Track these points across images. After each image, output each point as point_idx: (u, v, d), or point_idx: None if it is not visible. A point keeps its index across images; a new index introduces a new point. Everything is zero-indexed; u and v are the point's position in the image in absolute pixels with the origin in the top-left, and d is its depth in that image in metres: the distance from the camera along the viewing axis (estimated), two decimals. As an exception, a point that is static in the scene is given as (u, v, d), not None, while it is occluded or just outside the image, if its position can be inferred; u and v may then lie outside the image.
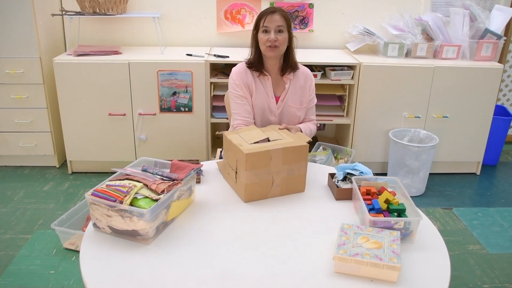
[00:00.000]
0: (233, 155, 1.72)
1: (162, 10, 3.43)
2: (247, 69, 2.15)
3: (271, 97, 2.14)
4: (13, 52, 3.09)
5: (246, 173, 1.64)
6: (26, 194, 3.05)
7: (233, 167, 1.73)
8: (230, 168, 1.76)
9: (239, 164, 1.68)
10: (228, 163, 1.79)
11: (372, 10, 3.52)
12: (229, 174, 1.78)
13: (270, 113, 2.16)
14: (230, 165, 1.76)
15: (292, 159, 1.71)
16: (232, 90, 2.16)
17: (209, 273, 1.29)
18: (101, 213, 1.42)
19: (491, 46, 3.26)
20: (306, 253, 1.39)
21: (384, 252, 1.28)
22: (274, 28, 2.02)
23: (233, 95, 2.15)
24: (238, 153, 1.67)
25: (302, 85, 2.19)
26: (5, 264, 2.34)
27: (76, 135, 3.20)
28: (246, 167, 1.64)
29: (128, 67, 3.04)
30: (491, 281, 2.33)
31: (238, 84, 2.13)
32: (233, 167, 1.73)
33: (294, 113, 2.18)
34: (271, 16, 2.03)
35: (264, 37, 2.04)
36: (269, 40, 2.02)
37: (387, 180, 1.71)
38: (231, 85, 2.16)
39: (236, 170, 1.70)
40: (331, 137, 3.87)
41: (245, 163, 1.63)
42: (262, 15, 2.06)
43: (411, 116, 3.26)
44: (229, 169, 1.78)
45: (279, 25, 2.03)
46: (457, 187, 3.34)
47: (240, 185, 1.70)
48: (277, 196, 1.73)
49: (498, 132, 3.60)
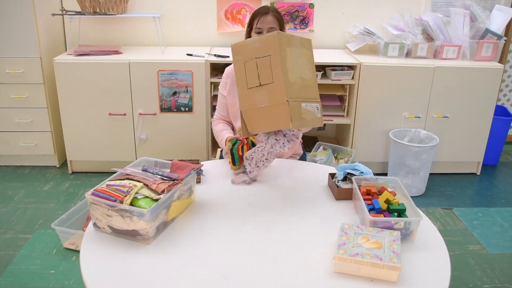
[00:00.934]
0: (272, 72, 1.55)
1: (162, 10, 3.43)
2: None
3: None
4: (13, 52, 3.09)
5: (266, 106, 1.54)
6: (26, 193, 3.05)
7: (262, 80, 1.56)
8: (257, 73, 1.58)
9: (269, 92, 1.54)
10: (258, 66, 1.58)
11: (373, 10, 3.52)
12: (247, 70, 1.60)
13: None
14: (259, 71, 1.57)
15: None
16: (219, 87, 2.28)
17: (209, 273, 1.29)
18: (101, 213, 1.42)
19: (492, 46, 3.26)
20: (306, 253, 1.39)
21: (384, 252, 1.28)
22: (266, 29, 2.06)
23: (219, 92, 2.27)
24: (278, 87, 1.54)
25: None
26: (5, 263, 2.34)
27: (77, 135, 3.20)
28: (272, 105, 1.53)
29: (129, 67, 3.04)
30: (491, 281, 2.33)
31: (224, 83, 2.23)
32: (262, 80, 1.57)
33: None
34: (264, 17, 2.06)
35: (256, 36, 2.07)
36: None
37: (387, 180, 1.71)
38: (220, 83, 2.28)
39: (261, 85, 1.56)
40: (331, 137, 3.87)
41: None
42: (256, 15, 2.09)
43: (411, 116, 3.26)
44: (252, 69, 1.59)
45: (271, 26, 2.06)
46: (457, 187, 3.34)
47: (249, 97, 1.58)
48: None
49: (499, 132, 3.60)
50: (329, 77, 3.22)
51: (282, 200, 1.72)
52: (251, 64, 1.59)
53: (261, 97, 1.57)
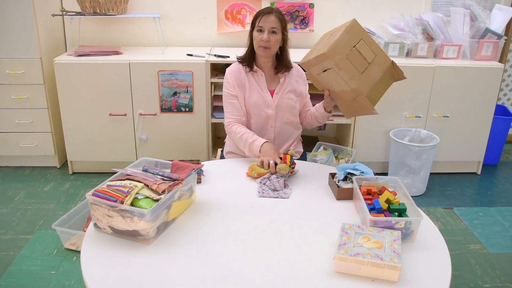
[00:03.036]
0: (371, 49, 1.85)
1: (162, 10, 3.43)
2: (240, 68, 2.21)
3: (265, 92, 2.19)
4: (13, 52, 3.09)
5: (382, 75, 1.88)
6: (27, 194, 3.05)
7: (369, 59, 1.84)
8: (362, 57, 1.83)
9: (378, 64, 1.86)
10: (360, 51, 1.83)
11: (373, 10, 3.52)
12: (352, 60, 1.82)
13: (266, 107, 2.19)
14: (363, 54, 1.83)
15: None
16: (225, 89, 2.22)
17: (209, 273, 1.29)
18: (102, 213, 1.42)
19: (492, 45, 3.26)
20: (306, 253, 1.39)
21: (385, 252, 1.28)
22: (268, 29, 2.07)
23: (225, 94, 2.22)
24: (382, 56, 1.88)
25: (297, 79, 2.26)
26: (6, 264, 2.34)
27: (77, 135, 3.20)
28: (385, 71, 1.89)
29: (129, 67, 3.04)
30: (492, 280, 2.33)
31: (230, 83, 2.19)
32: (369, 59, 1.84)
33: (292, 105, 2.22)
34: (267, 16, 2.07)
35: (258, 36, 2.09)
36: (262, 40, 2.07)
37: (388, 180, 1.71)
38: (224, 84, 2.23)
39: (370, 63, 1.85)
40: (331, 137, 3.87)
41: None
42: (259, 14, 2.10)
43: (412, 116, 3.26)
44: (357, 56, 1.82)
45: (273, 26, 2.07)
46: (457, 187, 3.34)
47: (366, 78, 1.85)
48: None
49: (499, 131, 3.59)
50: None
51: (282, 200, 1.72)
52: (353, 54, 1.82)
53: (374, 72, 1.87)
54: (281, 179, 1.81)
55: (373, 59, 1.84)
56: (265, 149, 1.98)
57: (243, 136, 2.09)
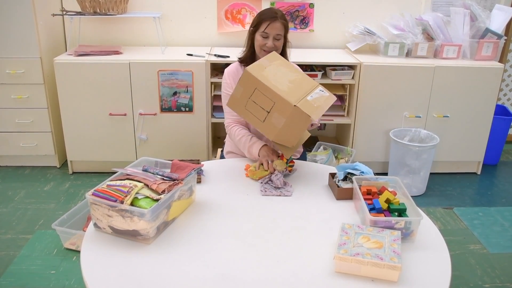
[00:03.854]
0: (268, 97, 1.75)
1: (162, 10, 3.43)
2: (239, 68, 2.21)
3: None
4: (13, 52, 3.09)
5: (285, 121, 1.73)
6: (27, 194, 3.05)
7: (267, 108, 1.76)
8: (259, 107, 1.78)
9: (278, 111, 1.74)
10: (255, 101, 1.78)
11: (373, 9, 3.52)
12: (252, 111, 1.80)
13: None
14: (259, 104, 1.77)
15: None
16: (223, 90, 2.23)
17: (209, 273, 1.29)
18: (102, 213, 1.42)
19: (492, 45, 3.26)
20: (306, 253, 1.39)
21: (385, 252, 1.28)
22: (273, 36, 2.08)
23: (224, 94, 2.22)
24: (281, 102, 1.73)
25: None
26: (6, 264, 2.34)
27: (77, 135, 3.20)
28: (288, 117, 1.72)
29: (129, 67, 3.04)
30: (492, 280, 2.33)
31: (229, 84, 2.19)
32: (267, 109, 1.76)
33: None
34: (273, 23, 2.07)
35: (262, 41, 2.09)
36: (266, 46, 2.09)
37: (388, 180, 1.71)
38: (223, 85, 2.23)
39: (269, 111, 1.76)
40: (331, 136, 3.87)
41: (289, 114, 1.72)
42: (265, 19, 2.08)
43: (412, 116, 3.26)
44: (254, 107, 1.79)
45: (278, 33, 2.09)
46: (457, 187, 3.34)
47: (269, 126, 1.78)
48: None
49: (499, 131, 3.59)
50: (329, 77, 3.22)
51: (282, 200, 1.72)
52: (250, 105, 1.80)
53: (276, 119, 1.76)
54: (280, 176, 1.82)
55: (272, 106, 1.75)
56: (263, 152, 1.99)
57: (242, 139, 2.10)
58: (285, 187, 1.80)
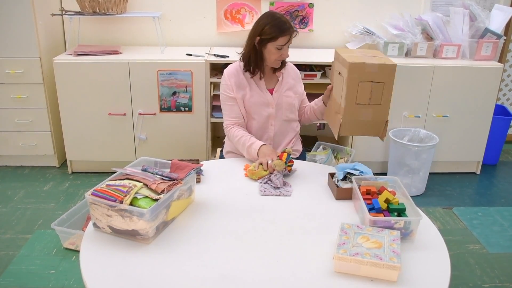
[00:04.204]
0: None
1: (162, 10, 3.43)
2: (239, 69, 2.19)
3: (265, 92, 2.19)
4: (13, 52, 3.09)
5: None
6: (26, 194, 3.05)
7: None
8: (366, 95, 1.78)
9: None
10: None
11: (372, 9, 3.52)
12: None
13: (266, 106, 2.20)
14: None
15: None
16: (222, 91, 2.21)
17: (209, 273, 1.29)
18: (101, 213, 1.42)
19: (491, 45, 3.26)
20: (306, 253, 1.39)
21: (384, 252, 1.28)
22: (285, 49, 2.09)
23: (223, 96, 2.21)
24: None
25: (293, 77, 2.28)
26: (5, 264, 2.34)
27: (76, 135, 3.20)
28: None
29: (128, 67, 3.04)
30: (491, 280, 2.34)
31: (228, 85, 2.17)
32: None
33: (290, 103, 2.23)
34: (290, 37, 2.06)
35: (276, 52, 2.07)
36: (282, 56, 2.09)
37: (387, 180, 1.71)
38: (222, 86, 2.21)
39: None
40: (331, 136, 3.86)
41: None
42: (285, 31, 2.04)
43: (411, 116, 3.26)
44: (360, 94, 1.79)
45: (291, 42, 2.10)
46: (457, 187, 3.34)
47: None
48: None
49: (498, 131, 3.59)
50: (328, 77, 3.22)
51: (281, 200, 1.72)
52: (365, 85, 1.79)
53: (366, 113, 1.83)
54: (279, 176, 1.82)
55: (375, 104, 1.81)
56: (262, 151, 1.99)
57: (241, 140, 2.09)
58: (284, 187, 1.80)
